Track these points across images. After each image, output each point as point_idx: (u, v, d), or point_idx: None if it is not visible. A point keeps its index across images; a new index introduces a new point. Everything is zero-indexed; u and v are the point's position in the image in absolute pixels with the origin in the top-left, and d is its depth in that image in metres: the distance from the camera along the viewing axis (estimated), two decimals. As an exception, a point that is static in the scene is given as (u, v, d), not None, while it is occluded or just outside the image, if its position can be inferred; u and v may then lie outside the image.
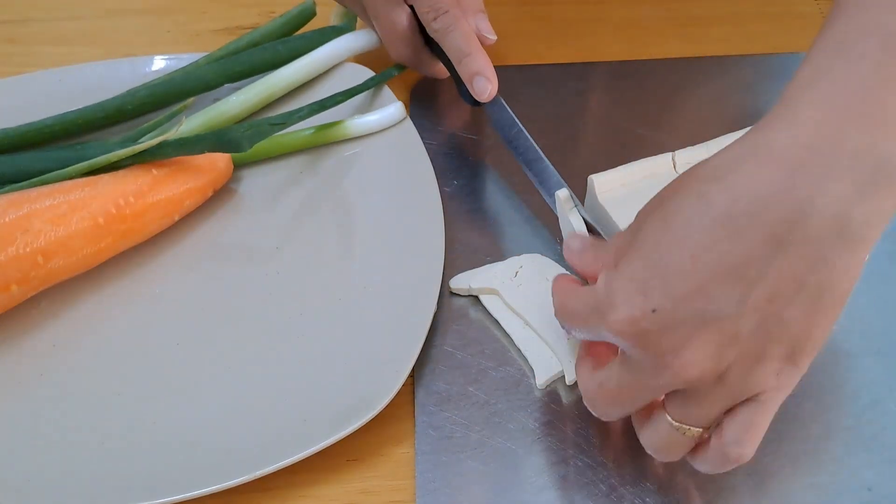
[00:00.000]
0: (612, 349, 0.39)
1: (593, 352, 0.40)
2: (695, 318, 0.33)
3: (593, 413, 0.39)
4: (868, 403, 0.45)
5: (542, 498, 0.42)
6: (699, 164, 0.35)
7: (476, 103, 0.54)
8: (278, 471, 0.41)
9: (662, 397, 0.37)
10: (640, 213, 0.37)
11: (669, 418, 0.36)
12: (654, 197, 0.37)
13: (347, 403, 0.43)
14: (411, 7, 0.54)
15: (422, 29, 0.55)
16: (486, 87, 0.52)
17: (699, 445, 0.38)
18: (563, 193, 0.46)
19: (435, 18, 0.53)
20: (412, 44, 0.55)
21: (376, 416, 0.43)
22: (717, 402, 0.35)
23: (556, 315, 0.40)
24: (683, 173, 0.36)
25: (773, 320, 0.33)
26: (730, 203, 0.33)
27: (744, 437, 0.35)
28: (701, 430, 0.36)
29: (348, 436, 0.42)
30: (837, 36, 0.34)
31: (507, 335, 0.47)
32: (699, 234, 0.33)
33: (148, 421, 0.44)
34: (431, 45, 0.56)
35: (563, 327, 0.40)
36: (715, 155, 0.35)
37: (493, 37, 0.54)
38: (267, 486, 0.43)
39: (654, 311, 0.34)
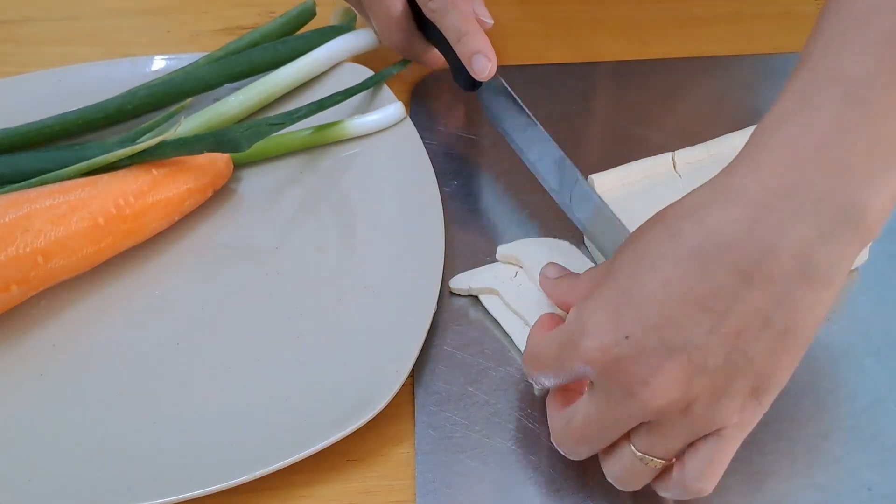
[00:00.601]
0: (580, 389, 0.40)
1: (562, 390, 0.41)
2: (665, 346, 0.34)
3: (561, 451, 0.40)
4: (868, 403, 0.45)
5: (542, 498, 0.42)
6: (674, 203, 0.37)
7: (472, 87, 0.53)
8: (278, 471, 0.41)
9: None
10: (615, 251, 0.38)
11: (633, 448, 0.37)
12: (629, 235, 0.38)
13: (347, 403, 0.43)
14: None
15: (415, 15, 0.55)
16: (485, 65, 0.51)
17: (661, 474, 0.38)
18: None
19: None
20: (406, 29, 0.55)
21: (376, 416, 0.43)
22: (682, 434, 0.36)
23: (524, 363, 0.40)
24: (658, 212, 0.37)
25: (739, 354, 0.34)
26: (700, 238, 0.34)
27: (705, 472, 0.36)
28: (663, 461, 0.37)
29: (348, 436, 0.42)
30: (802, 84, 0.35)
31: (507, 335, 0.47)
32: (671, 266, 0.34)
33: (148, 421, 0.44)
34: (425, 32, 0.55)
35: (530, 380, 0.40)
36: (688, 194, 0.36)
37: (490, 20, 0.54)
38: (267, 486, 0.43)
39: (626, 337, 0.35)
